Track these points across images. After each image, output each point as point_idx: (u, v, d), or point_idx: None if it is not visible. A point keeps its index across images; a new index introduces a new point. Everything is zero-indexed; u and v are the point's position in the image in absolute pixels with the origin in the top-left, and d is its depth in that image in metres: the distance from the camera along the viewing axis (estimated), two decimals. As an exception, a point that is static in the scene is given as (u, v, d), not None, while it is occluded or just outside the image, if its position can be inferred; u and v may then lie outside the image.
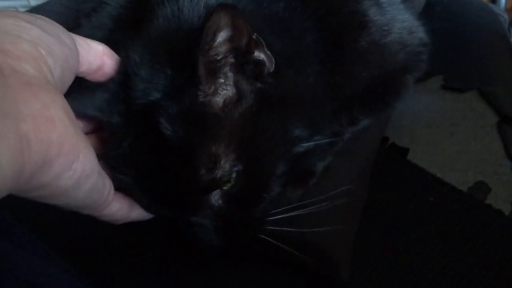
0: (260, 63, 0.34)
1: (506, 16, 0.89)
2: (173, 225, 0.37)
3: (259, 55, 0.34)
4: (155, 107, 0.32)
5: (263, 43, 0.34)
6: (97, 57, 0.32)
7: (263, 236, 0.38)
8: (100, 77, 0.33)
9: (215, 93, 0.33)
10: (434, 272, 0.44)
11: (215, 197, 0.34)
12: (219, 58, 0.33)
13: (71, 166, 0.25)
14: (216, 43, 0.32)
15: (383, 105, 0.53)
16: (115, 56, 0.34)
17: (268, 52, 0.34)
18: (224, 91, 0.34)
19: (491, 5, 0.89)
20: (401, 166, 0.51)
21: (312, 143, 0.38)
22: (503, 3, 0.93)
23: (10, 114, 0.21)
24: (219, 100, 0.33)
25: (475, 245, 0.44)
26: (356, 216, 0.45)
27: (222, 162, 0.32)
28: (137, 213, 0.35)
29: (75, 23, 0.49)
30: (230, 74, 0.34)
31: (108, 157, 0.34)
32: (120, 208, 0.33)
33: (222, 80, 0.33)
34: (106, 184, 0.30)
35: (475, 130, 0.54)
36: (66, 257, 0.36)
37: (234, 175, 0.33)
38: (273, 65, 0.35)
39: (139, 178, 0.34)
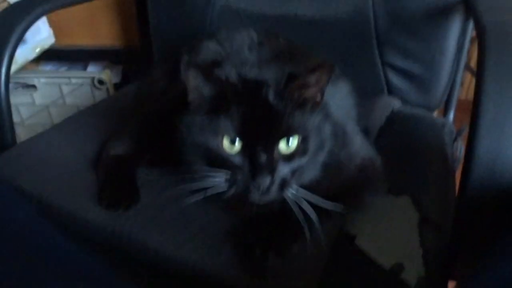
0: (317, 102, 0.66)
1: (453, 127, 1.15)
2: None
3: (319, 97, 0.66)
4: (267, 84, 0.64)
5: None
6: None
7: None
8: None
9: (301, 97, 0.64)
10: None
11: (278, 154, 0.63)
12: (306, 87, 0.64)
13: None
14: (311, 80, 0.63)
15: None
16: None
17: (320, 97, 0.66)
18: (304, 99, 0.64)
19: (440, 119, 1.15)
20: (350, 249, 0.75)
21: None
22: (451, 117, 1.19)
23: None
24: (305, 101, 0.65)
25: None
26: (316, 277, 0.68)
27: (294, 125, 0.63)
28: None
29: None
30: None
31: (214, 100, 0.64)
32: None
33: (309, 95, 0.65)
34: None
35: (402, 226, 0.78)
36: None
37: (297, 140, 0.64)
38: (321, 104, 0.67)
39: (239, 119, 0.62)
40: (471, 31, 1.09)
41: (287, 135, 0.62)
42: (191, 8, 1.25)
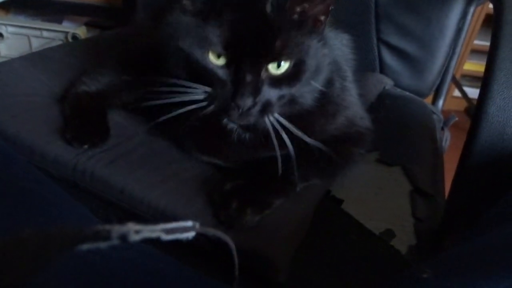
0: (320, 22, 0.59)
1: (441, 116, 1.12)
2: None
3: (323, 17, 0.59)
4: None
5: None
6: None
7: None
8: None
9: (303, 13, 0.57)
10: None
11: (266, 75, 0.57)
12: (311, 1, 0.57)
13: None
14: None
15: (333, 171, 0.71)
16: None
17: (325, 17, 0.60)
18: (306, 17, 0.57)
19: (429, 105, 1.12)
20: (336, 212, 0.69)
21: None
22: (440, 105, 1.16)
23: None
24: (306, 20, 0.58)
25: (377, 270, 0.61)
26: (297, 237, 0.61)
27: (288, 46, 0.56)
28: None
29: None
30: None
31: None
32: None
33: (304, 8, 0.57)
34: None
35: (393, 194, 0.73)
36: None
37: (289, 64, 0.57)
38: (324, 27, 0.60)
39: (229, 28, 0.55)
40: (471, 16, 1.06)
41: (279, 57, 0.56)
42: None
